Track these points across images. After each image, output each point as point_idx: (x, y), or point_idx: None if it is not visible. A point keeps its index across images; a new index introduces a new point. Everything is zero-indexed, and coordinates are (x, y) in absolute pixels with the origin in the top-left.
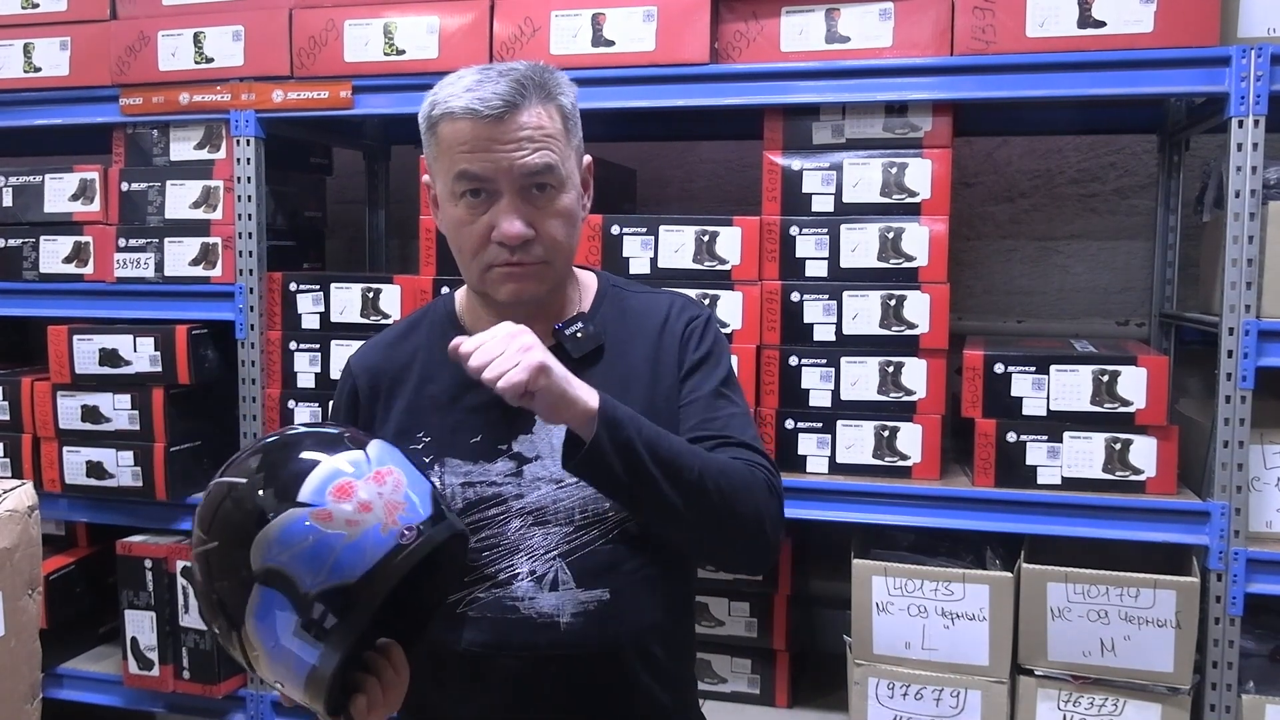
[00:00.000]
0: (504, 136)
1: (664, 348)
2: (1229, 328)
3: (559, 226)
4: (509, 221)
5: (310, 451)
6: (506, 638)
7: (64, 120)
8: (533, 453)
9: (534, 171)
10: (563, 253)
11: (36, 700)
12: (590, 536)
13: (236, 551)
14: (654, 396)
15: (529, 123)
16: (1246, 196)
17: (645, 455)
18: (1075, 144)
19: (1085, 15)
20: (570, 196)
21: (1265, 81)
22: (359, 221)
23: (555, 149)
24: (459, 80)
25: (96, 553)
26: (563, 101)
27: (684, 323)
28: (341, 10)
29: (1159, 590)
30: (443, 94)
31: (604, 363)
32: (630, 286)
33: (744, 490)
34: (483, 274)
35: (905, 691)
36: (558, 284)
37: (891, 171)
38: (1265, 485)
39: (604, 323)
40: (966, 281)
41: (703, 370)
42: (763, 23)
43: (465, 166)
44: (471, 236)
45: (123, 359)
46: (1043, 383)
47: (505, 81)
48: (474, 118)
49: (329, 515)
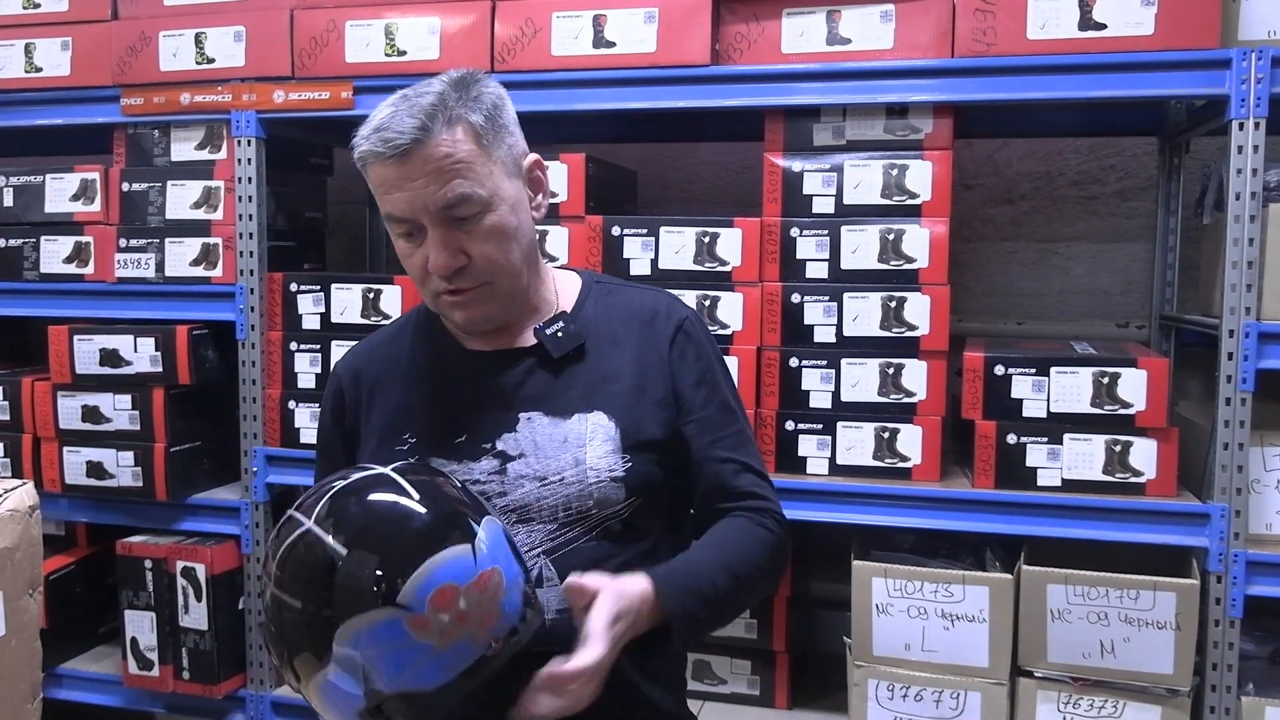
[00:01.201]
0: (413, 173)
1: (653, 346)
2: (1229, 330)
3: (493, 248)
4: (435, 255)
5: (421, 537)
6: None
7: (65, 120)
8: (516, 451)
9: (449, 204)
10: (504, 269)
11: (37, 700)
12: (574, 534)
13: (320, 625)
14: (641, 392)
15: (435, 154)
16: (1247, 199)
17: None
18: (1076, 146)
19: (1086, 17)
20: (499, 214)
21: (1266, 84)
22: (360, 222)
23: (468, 174)
24: (374, 117)
25: (97, 553)
26: (472, 119)
27: (675, 324)
28: (343, 11)
29: (1159, 592)
30: (360, 133)
31: (587, 360)
32: (616, 284)
33: (771, 569)
34: (434, 300)
35: (905, 693)
36: (510, 299)
37: (892, 173)
38: (1265, 488)
39: (587, 321)
40: (967, 283)
41: (708, 383)
42: (764, 24)
43: (388, 209)
44: (414, 269)
45: (123, 359)
46: (1043, 384)
47: (409, 115)
48: (381, 160)
49: (425, 624)
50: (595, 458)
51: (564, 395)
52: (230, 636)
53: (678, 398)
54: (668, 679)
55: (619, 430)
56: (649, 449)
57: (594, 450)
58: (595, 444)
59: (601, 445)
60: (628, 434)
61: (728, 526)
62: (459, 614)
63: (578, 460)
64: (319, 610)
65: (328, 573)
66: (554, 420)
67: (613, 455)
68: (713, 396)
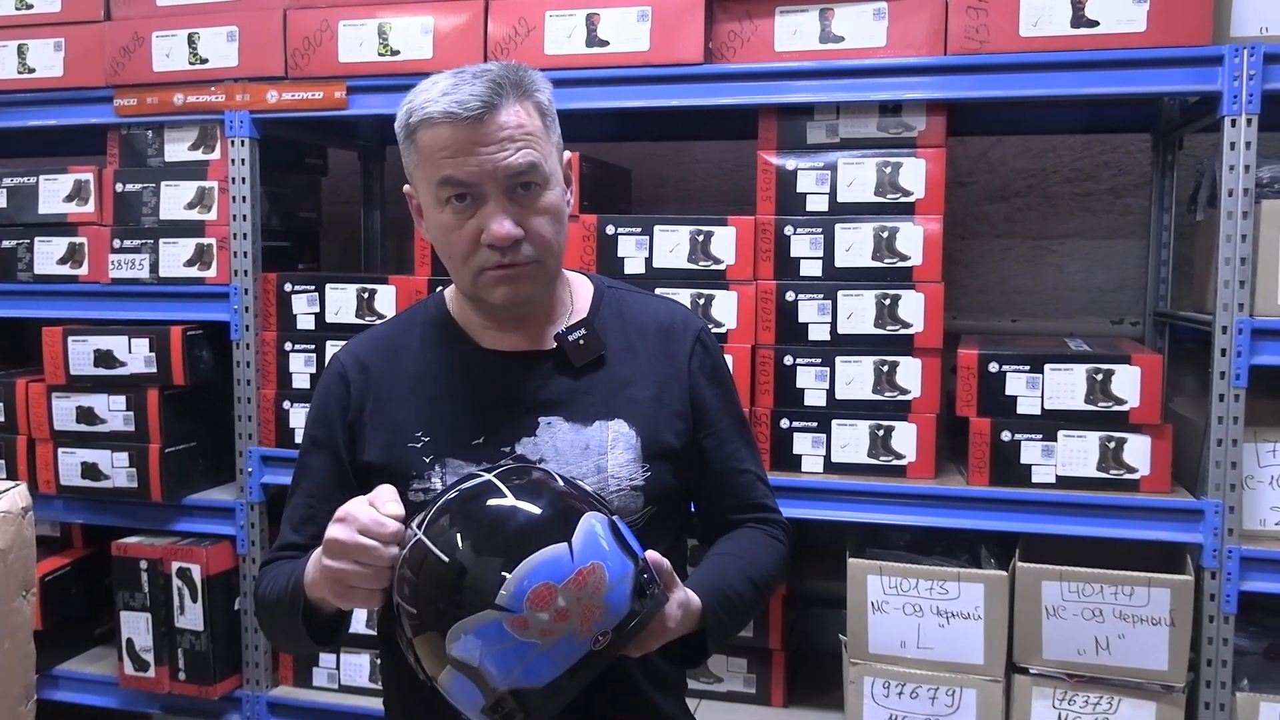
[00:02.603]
0: (485, 138)
1: (671, 357)
2: (1222, 326)
3: (547, 224)
4: (498, 223)
5: (519, 537)
6: None
7: (58, 121)
8: (536, 455)
9: (518, 171)
10: (552, 251)
11: (31, 702)
12: None
13: (433, 631)
14: (659, 402)
15: (509, 122)
16: (1239, 195)
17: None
18: (1069, 143)
19: (1078, 15)
20: (555, 193)
21: (1258, 80)
22: (354, 222)
23: (537, 146)
24: (433, 86)
25: (92, 554)
26: (540, 98)
27: (693, 336)
28: (336, 11)
29: (1153, 588)
30: (418, 100)
31: (606, 367)
32: (624, 288)
33: (779, 576)
34: (475, 278)
35: (901, 690)
36: (550, 283)
37: (886, 171)
38: (1259, 483)
39: (603, 327)
40: (961, 280)
41: (724, 394)
42: (757, 23)
43: (449, 172)
44: (460, 242)
45: (118, 360)
46: (1037, 381)
47: (481, 83)
48: (453, 121)
49: (525, 624)
50: (616, 466)
51: (584, 401)
52: (226, 637)
53: (696, 410)
54: (671, 684)
55: (639, 439)
56: (666, 458)
57: (615, 458)
58: (617, 452)
59: (623, 454)
60: (648, 443)
61: (747, 539)
62: (559, 611)
63: (600, 468)
64: (431, 613)
65: (432, 578)
66: (575, 426)
67: (633, 464)
68: (729, 408)
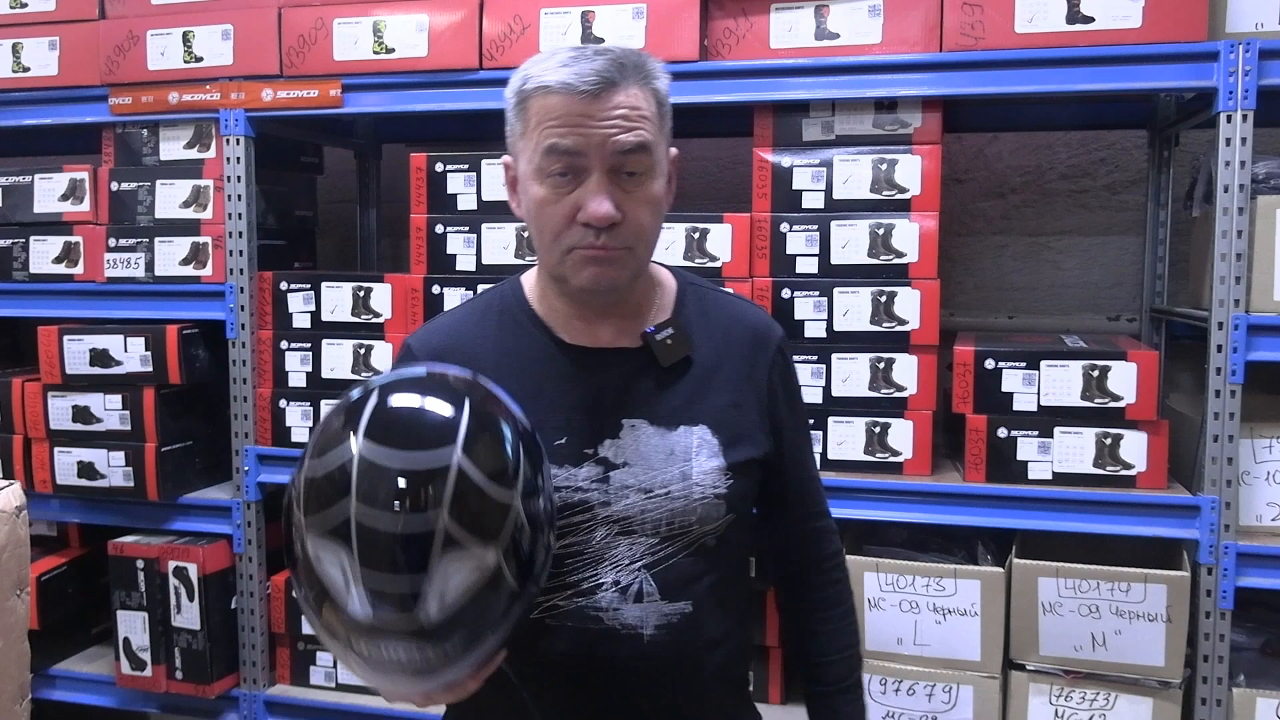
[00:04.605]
0: (598, 113)
1: (754, 364)
2: (1218, 322)
3: (646, 214)
4: (597, 201)
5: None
6: (589, 649)
7: (53, 120)
8: (619, 459)
9: (627, 150)
10: (646, 241)
11: (26, 701)
12: (674, 548)
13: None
14: (741, 409)
15: (624, 102)
16: (1235, 191)
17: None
18: (1065, 140)
19: (1074, 11)
20: (658, 184)
21: (1253, 76)
22: (350, 220)
23: (649, 131)
24: (552, 57)
25: (88, 553)
26: (658, 86)
27: (776, 345)
28: (331, 8)
29: (1150, 585)
30: (535, 69)
31: (690, 370)
32: (704, 285)
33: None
34: (563, 257)
35: (898, 687)
36: (637, 274)
37: (881, 168)
38: (1255, 479)
39: (688, 325)
40: (958, 277)
41: (798, 405)
42: (752, 20)
43: (555, 141)
44: (554, 217)
45: (113, 359)
46: (1033, 378)
47: (603, 60)
48: (569, 92)
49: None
50: (701, 473)
51: (669, 404)
52: (223, 636)
53: (774, 420)
54: (739, 688)
55: (722, 446)
56: (747, 467)
57: (700, 465)
58: (701, 459)
59: (707, 461)
60: (730, 450)
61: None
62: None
63: (684, 474)
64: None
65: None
66: (659, 430)
67: (716, 472)
68: (801, 419)
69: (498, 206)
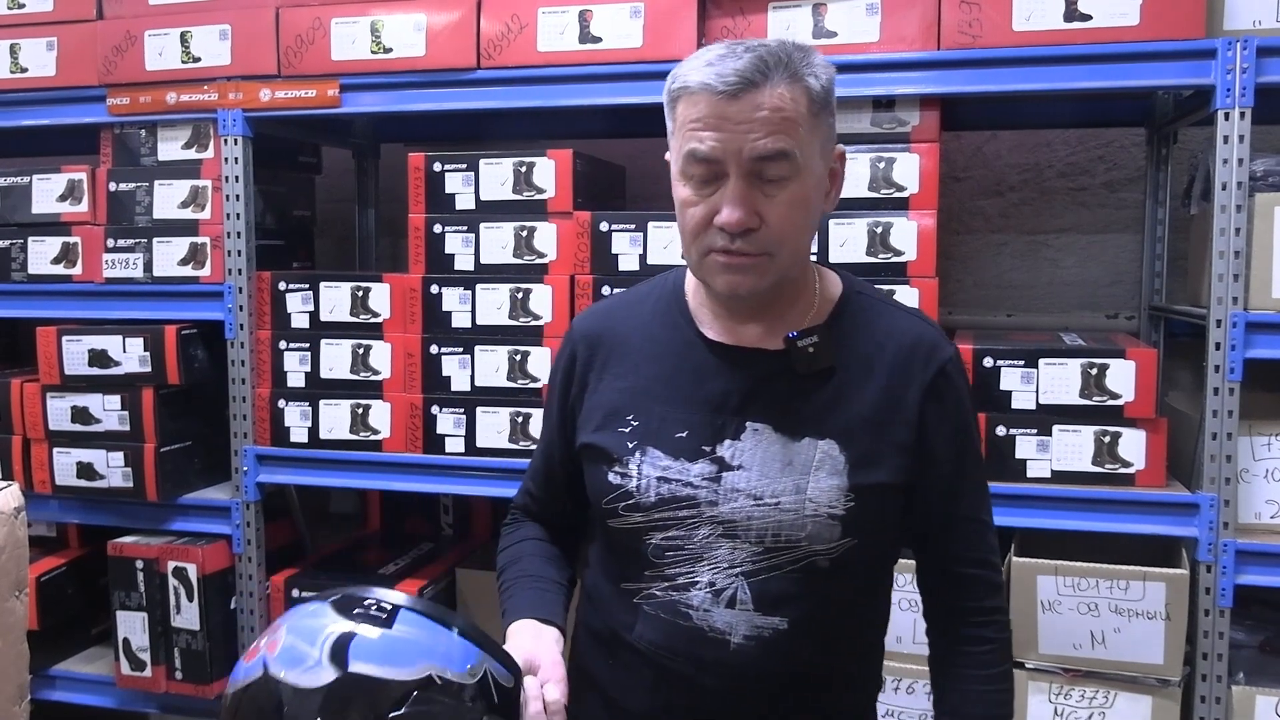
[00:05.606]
0: (737, 115)
1: (906, 383)
2: (1217, 320)
3: (788, 217)
4: (730, 208)
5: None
6: (673, 642)
7: (51, 121)
8: (736, 461)
9: (764, 156)
10: (789, 246)
11: (25, 702)
12: (777, 561)
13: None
14: (880, 429)
15: (766, 103)
16: (1233, 189)
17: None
18: (1064, 138)
19: (1071, 9)
20: (806, 185)
21: (1251, 74)
22: (348, 220)
23: (793, 133)
24: (702, 55)
25: (88, 554)
26: (810, 84)
27: (938, 365)
28: (328, 8)
29: (1149, 583)
30: (684, 69)
31: (831, 380)
32: (874, 295)
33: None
34: (700, 259)
35: (897, 686)
36: (782, 278)
37: (880, 166)
38: (1254, 477)
39: (842, 335)
40: (956, 276)
41: (961, 438)
42: (750, 18)
43: (693, 146)
44: (694, 219)
45: (112, 360)
46: (1032, 376)
47: (748, 58)
48: (708, 93)
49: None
50: (817, 490)
51: (798, 413)
52: (222, 636)
53: (923, 449)
54: (848, 712)
55: (848, 465)
56: (877, 491)
57: (817, 481)
58: (821, 475)
59: (827, 478)
60: (856, 471)
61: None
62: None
63: (799, 488)
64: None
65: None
66: (783, 439)
67: (836, 491)
68: (966, 452)
69: (496, 206)
